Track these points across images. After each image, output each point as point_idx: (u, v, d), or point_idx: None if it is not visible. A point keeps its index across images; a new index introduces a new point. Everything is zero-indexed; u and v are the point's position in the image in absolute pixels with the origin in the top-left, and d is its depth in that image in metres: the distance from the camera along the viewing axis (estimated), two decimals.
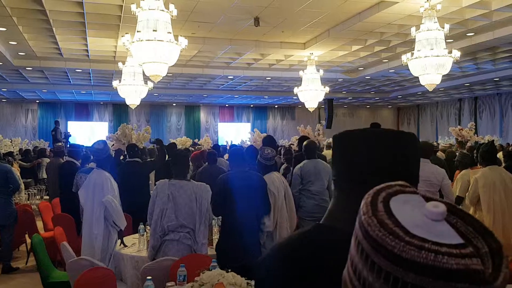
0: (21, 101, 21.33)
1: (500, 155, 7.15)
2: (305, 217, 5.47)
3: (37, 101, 21.80)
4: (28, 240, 6.50)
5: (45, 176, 10.34)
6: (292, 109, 25.20)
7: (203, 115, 24.62)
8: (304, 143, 5.56)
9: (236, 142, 19.21)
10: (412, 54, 7.74)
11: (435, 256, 0.52)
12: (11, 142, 14.57)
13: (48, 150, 14.38)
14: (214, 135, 23.66)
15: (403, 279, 0.54)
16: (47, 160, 11.04)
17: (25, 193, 9.36)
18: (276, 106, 24.97)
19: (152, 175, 6.52)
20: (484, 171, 4.61)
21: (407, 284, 0.54)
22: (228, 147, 13.55)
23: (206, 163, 6.22)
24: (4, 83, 16.04)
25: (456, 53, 7.69)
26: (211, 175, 5.09)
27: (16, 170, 7.80)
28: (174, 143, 8.51)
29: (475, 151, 5.10)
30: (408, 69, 8.17)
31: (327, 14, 8.67)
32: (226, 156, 8.64)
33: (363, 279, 0.59)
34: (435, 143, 10.67)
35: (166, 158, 6.83)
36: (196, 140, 17.49)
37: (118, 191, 4.46)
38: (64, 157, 7.86)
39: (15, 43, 10.50)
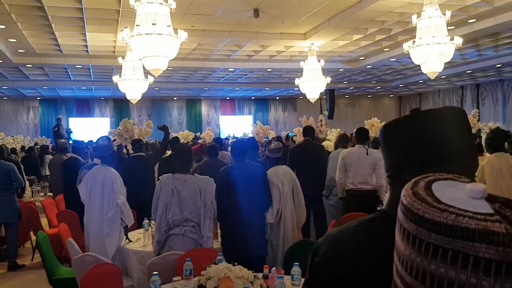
0: (22, 98, 21.33)
1: None
2: (338, 205, 5.47)
3: (38, 98, 21.78)
4: (33, 237, 6.51)
5: (48, 172, 10.35)
6: (293, 100, 25.12)
7: (204, 109, 24.56)
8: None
9: (238, 135, 19.23)
10: (414, 42, 7.66)
11: (456, 217, 0.54)
12: (13, 139, 14.60)
13: (50, 146, 14.42)
14: (216, 129, 23.62)
15: (426, 241, 0.56)
16: (49, 156, 11.06)
17: (30, 190, 9.37)
18: (277, 98, 24.89)
19: (156, 170, 6.49)
20: (491, 158, 4.57)
21: (429, 245, 0.55)
22: (230, 140, 13.56)
23: (208, 156, 6.18)
24: (5, 81, 16.01)
25: (458, 40, 7.60)
26: (212, 168, 5.03)
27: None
28: (177, 137, 8.44)
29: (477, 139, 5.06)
30: (410, 58, 8.09)
31: (327, 4, 8.59)
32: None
33: (399, 253, 0.61)
34: None
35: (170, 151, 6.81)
36: (198, 134, 17.48)
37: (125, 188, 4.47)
38: (67, 153, 7.85)
39: (15, 40, 10.45)
